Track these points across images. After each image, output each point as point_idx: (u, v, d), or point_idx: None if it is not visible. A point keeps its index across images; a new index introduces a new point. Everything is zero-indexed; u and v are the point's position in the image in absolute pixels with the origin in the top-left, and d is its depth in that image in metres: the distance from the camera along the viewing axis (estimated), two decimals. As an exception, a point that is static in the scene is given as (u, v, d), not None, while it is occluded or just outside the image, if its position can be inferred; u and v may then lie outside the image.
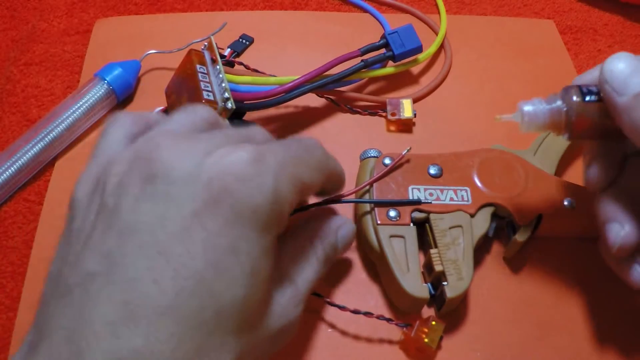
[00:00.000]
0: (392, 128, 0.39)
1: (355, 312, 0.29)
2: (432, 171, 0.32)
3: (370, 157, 0.34)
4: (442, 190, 0.32)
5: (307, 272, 0.26)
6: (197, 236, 0.20)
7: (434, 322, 0.29)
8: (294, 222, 0.28)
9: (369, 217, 0.31)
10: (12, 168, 0.34)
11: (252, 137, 0.25)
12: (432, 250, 0.30)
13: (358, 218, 0.32)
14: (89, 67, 0.42)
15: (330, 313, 0.31)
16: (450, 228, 0.30)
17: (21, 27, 0.45)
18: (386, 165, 0.32)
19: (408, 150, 0.33)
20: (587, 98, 0.25)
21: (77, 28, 0.45)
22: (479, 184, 0.32)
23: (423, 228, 0.31)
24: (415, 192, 0.31)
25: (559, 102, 0.26)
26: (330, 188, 0.30)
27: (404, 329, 0.29)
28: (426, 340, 0.28)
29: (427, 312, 0.31)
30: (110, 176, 0.21)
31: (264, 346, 0.23)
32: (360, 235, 0.32)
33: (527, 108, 0.26)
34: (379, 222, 0.30)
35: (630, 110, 0.23)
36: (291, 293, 0.25)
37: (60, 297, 0.20)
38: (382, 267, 0.30)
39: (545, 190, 0.33)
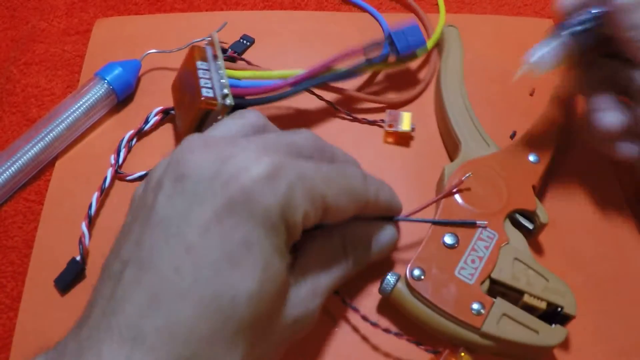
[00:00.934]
0: (390, 140, 0.39)
1: (387, 331, 0.29)
2: (449, 241, 0.31)
3: (395, 285, 0.30)
4: (474, 249, 0.30)
5: (332, 273, 0.28)
6: (214, 230, 0.22)
7: (463, 354, 0.28)
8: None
9: (460, 329, 0.29)
10: (12, 168, 0.34)
11: (295, 146, 0.26)
12: (525, 298, 0.29)
13: (448, 337, 0.29)
14: (89, 67, 0.42)
15: (361, 325, 0.31)
16: (512, 269, 0.30)
17: (21, 27, 0.45)
18: (417, 277, 0.30)
19: (468, 176, 0.32)
20: (578, 27, 0.32)
21: (77, 28, 0.45)
22: (482, 212, 0.32)
23: (497, 291, 0.30)
24: (464, 273, 0.30)
25: (558, 38, 0.32)
26: (374, 215, 0.30)
27: (433, 355, 0.29)
28: None
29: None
30: (153, 177, 0.25)
31: (282, 333, 0.25)
32: (464, 344, 0.29)
33: (534, 58, 0.32)
34: (479, 325, 0.28)
35: (627, 12, 0.29)
36: (311, 286, 0.26)
37: (104, 280, 0.23)
38: (510, 349, 0.29)
39: (517, 167, 0.34)
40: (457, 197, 0.32)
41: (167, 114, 0.39)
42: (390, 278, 0.30)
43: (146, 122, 0.38)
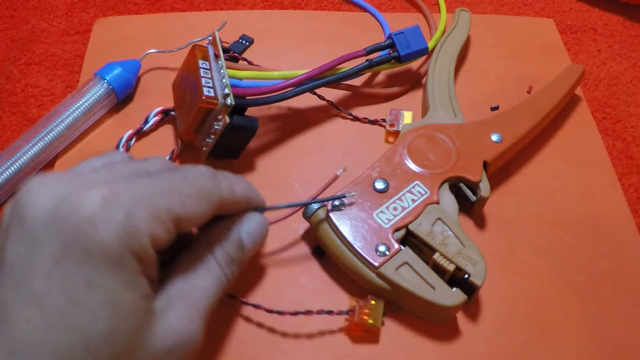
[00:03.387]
0: (391, 139, 0.39)
1: (295, 313, 0.29)
2: (379, 186, 0.32)
3: (316, 210, 0.32)
4: (400, 198, 0.32)
5: (205, 282, 0.26)
6: (56, 276, 0.21)
7: (373, 302, 0.29)
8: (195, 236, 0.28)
9: (360, 265, 0.30)
10: (12, 168, 0.34)
11: (140, 170, 0.25)
12: (435, 256, 0.30)
13: (349, 271, 0.31)
14: (89, 67, 0.42)
15: (263, 317, 0.30)
16: (432, 226, 0.31)
17: (21, 27, 0.45)
18: (337, 207, 0.31)
19: (343, 170, 0.32)
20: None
21: (77, 28, 0.45)
22: (422, 171, 0.33)
23: (411, 243, 0.31)
24: (382, 217, 0.31)
25: None
26: (235, 211, 0.29)
27: (346, 315, 0.29)
28: (370, 321, 0.29)
29: (360, 292, 0.31)
30: (4, 219, 0.24)
31: None
32: (365, 285, 0.31)
33: None
34: (377, 265, 0.29)
35: None
36: (183, 310, 0.25)
37: None
38: (405, 299, 0.30)
39: (475, 140, 0.35)
40: (404, 153, 0.34)
41: (166, 114, 0.39)
42: (314, 204, 0.32)
43: (146, 122, 0.38)
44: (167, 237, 0.23)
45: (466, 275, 0.29)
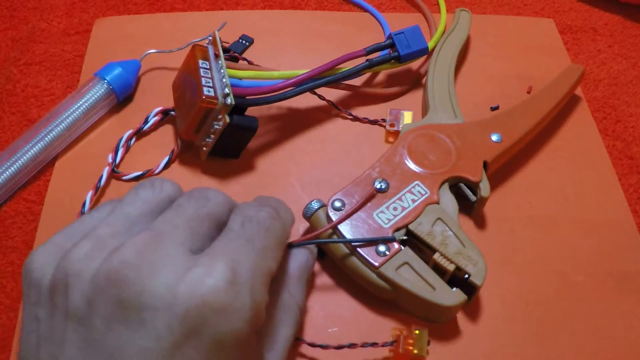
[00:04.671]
0: (391, 139, 0.39)
1: (339, 347, 0.28)
2: (379, 186, 0.32)
3: (316, 210, 0.32)
4: (400, 198, 0.32)
5: (287, 329, 0.26)
6: None
7: (417, 331, 0.28)
8: None
9: (360, 264, 0.30)
10: (12, 168, 0.34)
11: (215, 214, 0.24)
12: (435, 256, 0.30)
13: (349, 271, 0.31)
14: (89, 67, 0.42)
15: (308, 354, 0.30)
16: (432, 226, 0.31)
17: (21, 27, 0.45)
18: (337, 208, 0.31)
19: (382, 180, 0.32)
20: None
21: (77, 28, 0.45)
22: (422, 171, 0.33)
23: (411, 243, 0.31)
24: (382, 217, 0.31)
25: None
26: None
27: (391, 347, 0.29)
28: (415, 351, 0.28)
29: (403, 318, 0.31)
30: (73, 285, 0.20)
31: None
32: (365, 285, 0.31)
33: None
34: (377, 264, 0.30)
35: None
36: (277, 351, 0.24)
37: None
38: (405, 299, 0.30)
39: (475, 140, 0.35)
40: (404, 153, 0.34)
41: (166, 114, 0.39)
42: (314, 204, 0.32)
43: (146, 122, 0.38)
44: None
45: (466, 275, 0.29)
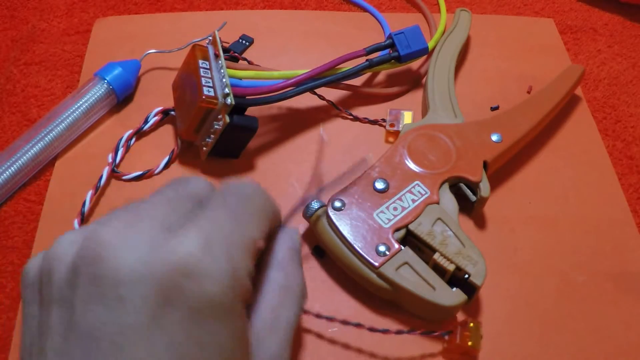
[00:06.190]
0: (391, 139, 0.38)
1: (399, 332, 0.28)
2: (379, 186, 0.32)
3: (316, 210, 0.31)
4: (400, 198, 0.32)
5: (290, 311, 0.25)
6: (158, 339, 0.19)
7: (471, 324, 0.28)
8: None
9: (360, 265, 0.30)
10: (12, 168, 0.34)
11: (196, 194, 0.23)
12: (435, 256, 0.30)
13: (349, 271, 0.31)
14: (89, 67, 0.42)
15: (364, 339, 0.30)
16: (432, 226, 0.31)
17: (21, 27, 0.45)
18: (337, 208, 0.31)
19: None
20: None
21: (77, 28, 0.45)
22: (422, 171, 0.33)
23: (411, 243, 0.31)
24: (382, 217, 0.31)
25: None
26: (273, 228, 0.27)
27: (446, 337, 0.29)
28: (470, 343, 0.28)
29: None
30: (56, 270, 0.21)
31: None
32: (365, 285, 0.31)
33: None
34: (377, 264, 0.29)
35: None
36: (277, 340, 0.24)
37: None
38: (405, 299, 0.30)
39: (475, 140, 0.35)
40: (404, 153, 0.34)
41: (166, 114, 0.39)
42: (314, 204, 0.31)
43: (146, 122, 0.38)
44: (253, 266, 0.22)
45: (466, 275, 0.29)
